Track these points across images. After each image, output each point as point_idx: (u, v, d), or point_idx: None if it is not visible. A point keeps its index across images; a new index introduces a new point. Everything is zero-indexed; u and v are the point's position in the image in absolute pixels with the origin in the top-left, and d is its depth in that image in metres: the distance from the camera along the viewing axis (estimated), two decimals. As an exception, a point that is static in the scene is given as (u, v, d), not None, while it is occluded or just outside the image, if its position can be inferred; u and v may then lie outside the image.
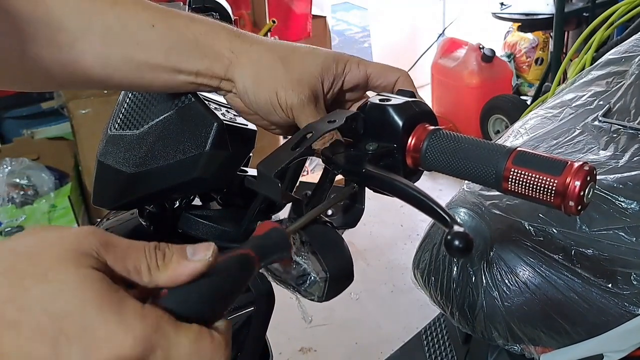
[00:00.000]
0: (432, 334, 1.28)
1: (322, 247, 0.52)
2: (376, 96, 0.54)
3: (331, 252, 0.52)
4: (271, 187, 0.48)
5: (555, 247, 0.88)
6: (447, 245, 0.40)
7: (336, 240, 0.53)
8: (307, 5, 3.18)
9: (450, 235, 0.41)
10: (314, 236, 0.52)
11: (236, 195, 0.67)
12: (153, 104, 0.61)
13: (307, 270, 0.52)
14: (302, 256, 0.52)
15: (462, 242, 0.40)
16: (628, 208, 0.88)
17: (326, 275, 0.51)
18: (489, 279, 0.91)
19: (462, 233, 0.40)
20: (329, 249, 0.52)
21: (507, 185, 0.46)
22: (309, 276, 0.52)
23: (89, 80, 0.56)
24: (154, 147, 0.60)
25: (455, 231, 0.41)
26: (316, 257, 0.51)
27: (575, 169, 0.43)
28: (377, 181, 0.51)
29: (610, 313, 0.84)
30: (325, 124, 0.51)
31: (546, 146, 1.05)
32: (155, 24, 0.54)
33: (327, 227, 0.54)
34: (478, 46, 3.19)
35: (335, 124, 0.51)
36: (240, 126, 0.61)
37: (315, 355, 2.06)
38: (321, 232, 0.53)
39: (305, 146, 0.49)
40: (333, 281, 0.51)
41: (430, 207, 0.45)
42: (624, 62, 1.25)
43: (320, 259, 0.51)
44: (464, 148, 0.49)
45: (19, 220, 2.57)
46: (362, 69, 0.58)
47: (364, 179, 0.52)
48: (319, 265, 0.51)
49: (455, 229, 0.41)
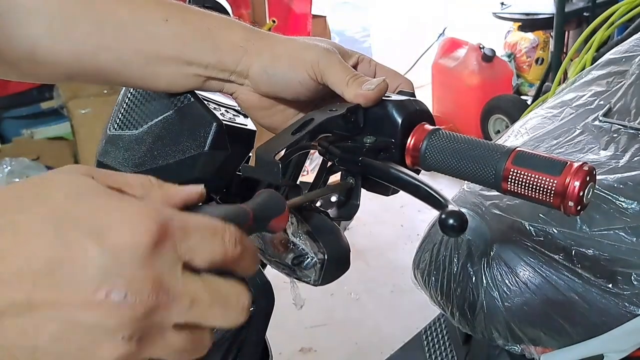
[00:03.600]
0: (432, 334, 1.28)
1: (320, 230, 0.51)
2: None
3: (328, 235, 0.52)
4: (271, 171, 0.46)
5: (555, 247, 0.88)
6: (442, 225, 0.41)
7: (333, 227, 0.53)
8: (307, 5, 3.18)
9: (444, 215, 0.41)
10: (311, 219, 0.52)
11: (235, 195, 0.66)
12: (152, 104, 0.61)
13: (304, 251, 0.52)
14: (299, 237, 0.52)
15: (457, 220, 0.40)
16: (628, 208, 0.88)
17: (324, 257, 0.51)
18: (489, 279, 0.91)
19: (456, 212, 0.40)
20: (327, 232, 0.52)
21: (506, 185, 0.46)
22: (305, 256, 0.52)
23: (97, 73, 0.56)
24: (153, 147, 0.60)
25: (449, 210, 0.41)
26: (313, 239, 0.51)
27: (574, 169, 0.43)
28: (373, 169, 0.51)
29: (610, 313, 0.84)
30: (326, 112, 0.51)
31: (546, 146, 1.05)
32: (168, 19, 0.55)
33: (323, 215, 0.54)
34: (478, 46, 3.19)
35: (336, 112, 0.51)
36: (239, 126, 0.61)
37: (315, 355, 2.06)
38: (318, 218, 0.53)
39: (305, 131, 0.48)
40: (330, 264, 0.51)
41: (425, 192, 0.45)
42: (624, 62, 1.24)
43: (318, 241, 0.51)
44: (463, 148, 0.49)
45: (19, 220, 2.57)
46: (372, 67, 0.59)
47: (359, 168, 0.52)
48: (316, 247, 0.51)
49: (450, 208, 0.41)
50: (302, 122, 0.49)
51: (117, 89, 0.66)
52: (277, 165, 0.45)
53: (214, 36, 0.55)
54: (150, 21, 0.54)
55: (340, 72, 0.54)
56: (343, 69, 0.54)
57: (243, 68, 0.55)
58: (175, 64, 0.55)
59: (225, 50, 0.55)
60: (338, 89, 0.54)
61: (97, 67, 0.55)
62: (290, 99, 0.57)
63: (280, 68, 0.55)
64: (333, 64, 0.54)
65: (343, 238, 0.53)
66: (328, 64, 0.54)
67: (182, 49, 0.55)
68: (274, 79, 0.55)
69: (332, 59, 0.54)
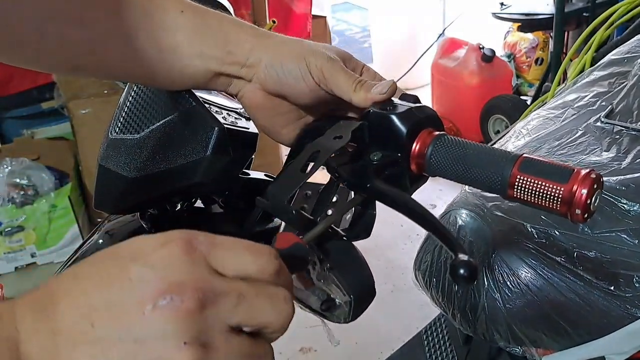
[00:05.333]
0: (432, 334, 1.28)
1: (342, 266, 0.51)
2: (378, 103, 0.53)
3: (351, 271, 0.51)
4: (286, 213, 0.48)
5: (557, 249, 0.88)
6: (452, 272, 0.40)
7: (354, 257, 0.52)
8: (307, 5, 3.18)
9: (455, 263, 0.40)
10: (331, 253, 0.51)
11: (238, 198, 0.66)
12: (154, 107, 0.61)
13: (330, 296, 0.51)
14: (323, 280, 0.51)
15: (467, 270, 0.40)
16: (631, 210, 0.88)
17: (350, 299, 0.50)
18: (491, 281, 0.91)
19: (467, 261, 0.40)
20: (349, 268, 0.51)
21: (512, 192, 0.46)
22: (333, 302, 0.52)
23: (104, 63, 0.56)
24: (155, 151, 0.60)
25: (460, 259, 0.40)
26: (337, 278, 0.51)
27: (582, 176, 0.43)
28: (383, 197, 0.50)
29: (612, 315, 0.84)
30: (331, 140, 0.51)
31: (548, 147, 1.04)
32: (184, 10, 0.55)
33: (343, 242, 0.52)
34: (478, 46, 3.19)
35: (342, 140, 0.50)
36: (241, 130, 0.61)
37: (315, 355, 2.06)
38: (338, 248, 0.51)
39: (315, 168, 0.49)
40: (357, 303, 0.51)
41: (436, 229, 0.45)
42: (626, 63, 1.24)
43: (342, 281, 0.50)
44: (469, 154, 0.48)
45: (19, 220, 2.57)
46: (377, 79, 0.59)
47: (370, 194, 0.51)
48: (341, 290, 0.51)
49: (461, 257, 0.41)
50: (309, 156, 0.49)
51: (118, 89, 0.66)
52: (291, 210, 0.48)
53: (225, 30, 0.56)
54: (167, 11, 0.55)
55: (345, 79, 0.54)
56: (347, 75, 0.54)
57: (254, 61, 0.56)
58: (188, 56, 0.55)
59: (237, 44, 0.56)
60: (345, 95, 0.54)
61: (106, 56, 0.55)
62: (294, 99, 0.57)
63: (287, 66, 0.55)
64: (337, 71, 0.54)
65: (366, 268, 0.52)
66: (332, 72, 0.54)
67: (196, 40, 0.55)
68: (281, 75, 0.55)
69: (335, 67, 0.54)
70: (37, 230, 2.60)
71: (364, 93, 0.53)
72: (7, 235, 2.57)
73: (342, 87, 0.54)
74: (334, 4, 4.06)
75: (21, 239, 2.59)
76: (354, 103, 0.54)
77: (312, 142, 0.52)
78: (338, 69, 0.54)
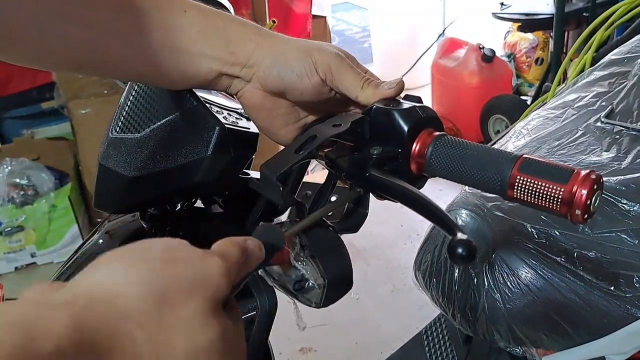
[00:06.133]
0: (432, 334, 1.28)
1: (322, 252, 0.51)
2: (382, 100, 0.53)
3: (330, 258, 0.52)
4: (274, 190, 0.48)
5: (557, 250, 0.88)
6: (450, 252, 0.40)
7: (336, 246, 0.53)
8: (307, 5, 3.18)
9: (453, 242, 0.40)
10: (314, 240, 0.51)
11: (238, 198, 0.66)
12: (155, 106, 0.61)
13: (305, 276, 0.52)
14: (301, 261, 0.51)
15: (465, 249, 0.40)
16: (631, 210, 0.88)
17: (324, 281, 0.51)
18: (491, 281, 0.91)
19: (466, 240, 0.40)
20: (329, 254, 0.52)
21: (512, 192, 0.46)
22: (306, 282, 0.52)
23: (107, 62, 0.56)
24: (156, 150, 0.60)
25: (458, 238, 0.40)
26: (315, 262, 0.51)
27: (582, 177, 0.42)
28: (381, 186, 0.50)
29: (612, 315, 0.84)
30: (330, 127, 0.51)
31: (548, 147, 1.04)
32: (187, 10, 0.55)
33: (328, 232, 0.53)
34: (478, 46, 3.19)
35: (340, 127, 0.50)
36: (242, 130, 0.61)
37: (315, 355, 2.06)
38: (322, 236, 0.52)
39: (309, 149, 0.48)
40: (331, 288, 0.51)
41: (434, 214, 0.45)
42: (626, 63, 1.24)
43: (319, 265, 0.51)
44: (469, 154, 0.48)
45: (19, 220, 2.57)
46: None
47: (367, 183, 0.51)
48: (317, 272, 0.51)
49: (459, 236, 0.41)
50: (305, 139, 0.49)
51: (118, 89, 0.66)
52: (278, 186, 0.47)
53: (228, 30, 0.56)
54: (171, 10, 0.55)
55: (353, 76, 0.54)
56: (356, 73, 0.55)
57: (255, 61, 0.56)
58: (191, 56, 0.55)
59: (239, 43, 0.56)
60: (352, 92, 0.54)
61: (109, 55, 0.55)
62: (294, 97, 0.57)
63: (291, 63, 0.55)
64: (345, 68, 0.54)
65: (346, 257, 0.53)
66: (340, 68, 0.54)
67: (199, 40, 0.55)
68: (283, 73, 0.55)
69: (343, 64, 0.55)
70: (37, 230, 2.60)
71: (372, 89, 0.54)
72: (7, 235, 2.57)
73: (349, 83, 0.54)
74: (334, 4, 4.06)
75: (21, 239, 2.59)
76: (359, 100, 0.54)
77: (311, 128, 0.52)
78: (346, 66, 0.55)
